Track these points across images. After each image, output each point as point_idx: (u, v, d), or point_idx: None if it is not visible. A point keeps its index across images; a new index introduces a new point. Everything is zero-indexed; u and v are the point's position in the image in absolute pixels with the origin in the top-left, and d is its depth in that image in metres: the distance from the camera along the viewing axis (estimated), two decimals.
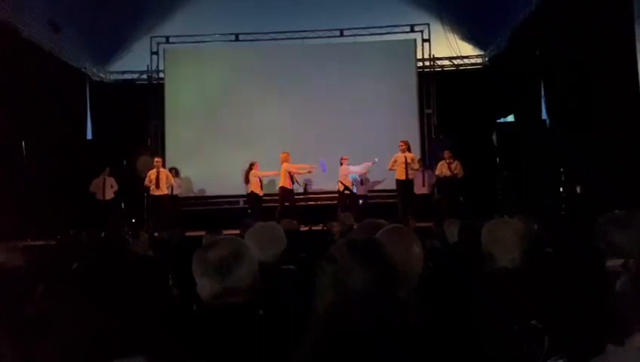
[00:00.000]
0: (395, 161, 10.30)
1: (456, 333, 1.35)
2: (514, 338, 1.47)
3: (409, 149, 10.34)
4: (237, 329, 1.68)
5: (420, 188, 10.60)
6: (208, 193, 11.82)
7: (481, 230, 2.42)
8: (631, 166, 7.08)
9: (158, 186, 10.34)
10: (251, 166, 10.52)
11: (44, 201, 9.49)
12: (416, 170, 10.42)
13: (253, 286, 1.89)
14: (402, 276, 1.65)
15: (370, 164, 10.60)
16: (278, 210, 10.03)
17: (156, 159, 10.60)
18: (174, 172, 10.94)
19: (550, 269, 1.62)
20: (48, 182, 9.77)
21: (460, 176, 10.41)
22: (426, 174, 10.74)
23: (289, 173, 10.30)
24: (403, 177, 10.20)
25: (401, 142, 10.34)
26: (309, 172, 10.78)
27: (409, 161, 10.20)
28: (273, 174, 10.63)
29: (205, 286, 1.87)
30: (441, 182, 10.69)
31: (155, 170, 10.38)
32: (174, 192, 10.91)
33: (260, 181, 10.50)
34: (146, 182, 10.42)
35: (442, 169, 10.51)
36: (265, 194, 10.75)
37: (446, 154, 10.55)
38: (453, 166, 10.42)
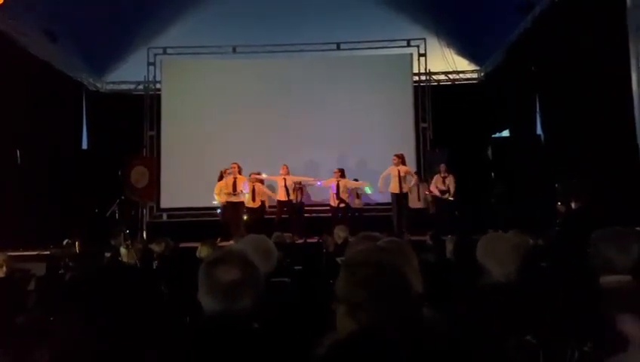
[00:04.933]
0: (389, 175, 10.32)
1: (452, 349, 1.34)
2: (509, 354, 1.46)
3: (403, 162, 10.34)
4: (231, 342, 1.66)
5: (414, 203, 10.60)
6: (203, 204, 11.75)
7: (477, 245, 2.42)
8: (626, 182, 7.12)
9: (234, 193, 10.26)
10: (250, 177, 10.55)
11: (38, 211, 9.45)
12: (412, 183, 10.41)
13: (254, 305, 1.83)
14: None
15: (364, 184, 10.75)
16: (275, 222, 10.03)
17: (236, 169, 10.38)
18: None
19: (545, 284, 1.62)
20: (43, 191, 9.73)
21: (452, 191, 10.44)
22: (422, 188, 10.74)
23: (286, 186, 10.34)
24: (397, 191, 10.20)
25: (395, 155, 10.35)
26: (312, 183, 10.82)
27: (402, 174, 10.19)
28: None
29: (208, 303, 1.78)
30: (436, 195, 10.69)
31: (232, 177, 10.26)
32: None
33: (254, 192, 10.48)
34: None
35: (437, 183, 10.53)
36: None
37: (441, 168, 10.57)
38: (447, 180, 10.44)
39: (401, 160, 10.29)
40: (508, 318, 1.58)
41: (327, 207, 10.74)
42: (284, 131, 11.82)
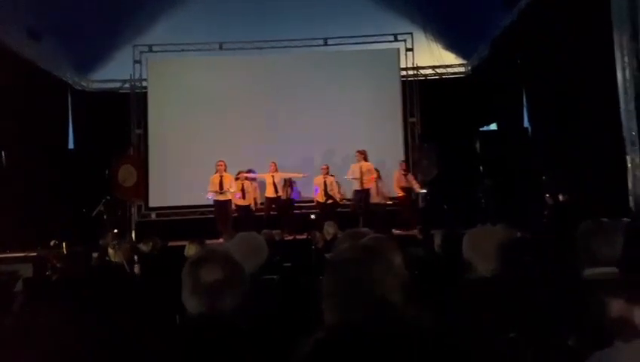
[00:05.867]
0: (353, 171, 10.28)
1: (434, 345, 1.34)
2: (494, 352, 1.46)
3: (365, 159, 10.30)
4: (217, 342, 1.65)
5: (373, 198, 10.54)
6: (192, 203, 11.70)
7: (463, 239, 2.43)
8: (612, 174, 7.17)
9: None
10: (238, 175, 10.51)
11: (25, 212, 9.36)
12: (372, 179, 10.35)
13: (241, 304, 1.82)
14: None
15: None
16: (264, 219, 10.02)
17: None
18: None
19: (530, 278, 1.62)
20: (29, 192, 9.64)
21: (416, 189, 10.52)
22: (380, 184, 10.67)
23: (274, 183, 10.32)
24: (359, 187, 10.17)
25: (358, 151, 10.29)
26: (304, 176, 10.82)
27: (364, 170, 10.16)
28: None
29: (192, 304, 1.77)
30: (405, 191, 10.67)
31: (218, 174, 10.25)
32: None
33: (243, 191, 10.44)
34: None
35: (399, 180, 10.54)
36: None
37: (400, 165, 10.59)
38: (408, 177, 10.49)
39: (364, 156, 10.25)
40: (493, 312, 1.58)
41: (312, 203, 10.76)
42: (272, 128, 11.78)
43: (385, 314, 1.35)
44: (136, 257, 5.07)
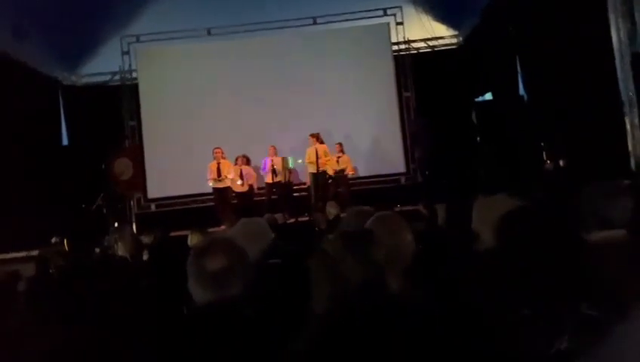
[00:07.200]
0: (309, 155, 10.25)
1: (450, 319, 1.31)
2: (506, 332, 1.43)
3: (320, 141, 10.25)
4: (224, 331, 1.62)
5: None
6: (191, 192, 11.67)
7: (466, 210, 2.39)
8: (611, 136, 7.14)
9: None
10: (236, 161, 10.48)
11: (24, 212, 9.33)
12: (326, 161, 10.32)
13: (247, 291, 1.80)
14: (394, 262, 1.63)
15: None
16: (265, 204, 10.02)
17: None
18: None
19: (535, 246, 1.59)
20: (27, 192, 9.59)
21: (349, 171, 10.45)
22: None
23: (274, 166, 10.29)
24: (315, 170, 10.15)
25: (310, 135, 10.26)
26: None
27: (320, 153, 10.12)
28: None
29: (197, 293, 1.76)
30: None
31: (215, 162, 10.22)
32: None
33: (242, 177, 10.41)
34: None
35: (332, 164, 10.50)
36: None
37: (337, 147, 10.53)
38: (341, 160, 10.41)
39: (317, 139, 10.19)
40: (502, 286, 1.55)
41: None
42: (267, 111, 11.68)
43: (385, 298, 1.33)
44: (140, 249, 5.05)
